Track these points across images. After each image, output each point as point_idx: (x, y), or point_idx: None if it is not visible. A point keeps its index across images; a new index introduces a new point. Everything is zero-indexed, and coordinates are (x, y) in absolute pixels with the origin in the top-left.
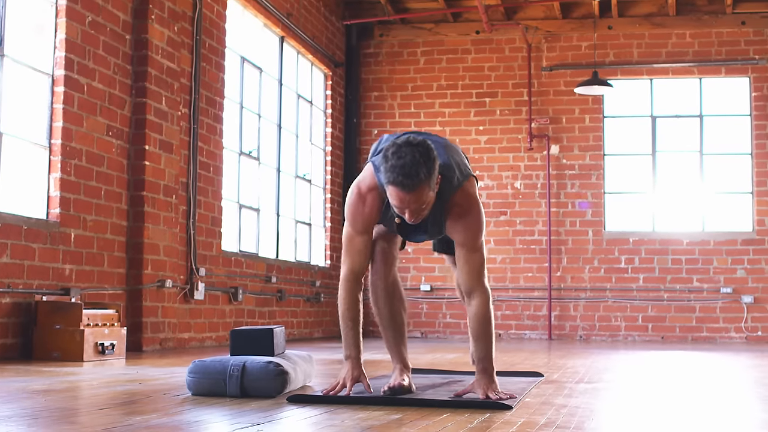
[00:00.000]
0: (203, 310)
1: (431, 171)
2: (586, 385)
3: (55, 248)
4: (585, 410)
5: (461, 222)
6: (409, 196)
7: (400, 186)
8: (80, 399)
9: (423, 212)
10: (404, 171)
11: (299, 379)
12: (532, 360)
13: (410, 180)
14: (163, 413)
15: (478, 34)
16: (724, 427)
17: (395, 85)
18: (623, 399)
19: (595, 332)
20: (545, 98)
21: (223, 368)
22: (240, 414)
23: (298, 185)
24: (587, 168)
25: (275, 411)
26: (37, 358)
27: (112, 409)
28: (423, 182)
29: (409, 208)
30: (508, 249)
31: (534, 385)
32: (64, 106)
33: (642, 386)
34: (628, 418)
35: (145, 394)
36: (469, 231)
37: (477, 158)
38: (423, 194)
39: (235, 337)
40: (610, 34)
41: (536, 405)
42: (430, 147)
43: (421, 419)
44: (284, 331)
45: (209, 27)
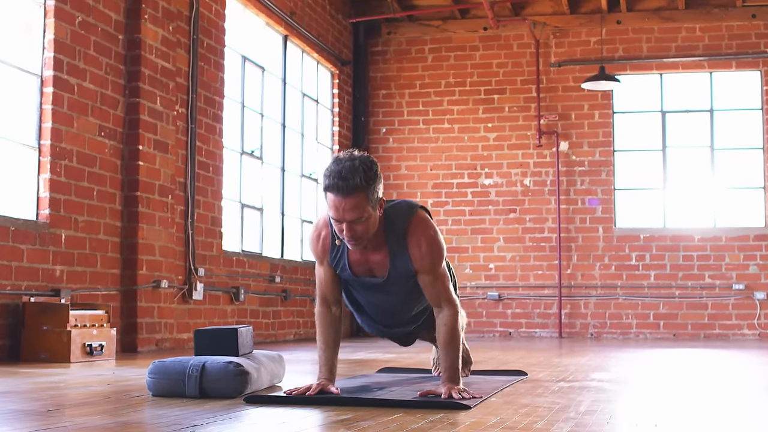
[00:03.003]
0: (203, 311)
1: (370, 180)
2: (564, 384)
3: (45, 249)
4: (544, 410)
5: (420, 250)
6: (345, 201)
7: (335, 190)
8: (34, 401)
9: (361, 232)
10: (340, 175)
11: (264, 380)
12: (527, 358)
13: (345, 183)
14: (107, 414)
15: (486, 31)
16: (720, 428)
17: (403, 83)
18: (596, 398)
19: (606, 330)
20: (554, 94)
21: (182, 368)
22: (184, 415)
23: (303, 184)
24: (597, 164)
25: (222, 411)
26: (25, 359)
27: (58, 410)
28: (359, 188)
29: (345, 220)
30: (518, 247)
31: (509, 384)
32: (53, 107)
33: (627, 385)
34: (586, 419)
35: (105, 395)
36: (428, 258)
37: (485, 155)
38: (360, 205)
39: (198, 337)
40: (618, 28)
41: (498, 405)
42: (372, 160)
43: (370, 419)
44: (251, 331)
45: (207, 26)
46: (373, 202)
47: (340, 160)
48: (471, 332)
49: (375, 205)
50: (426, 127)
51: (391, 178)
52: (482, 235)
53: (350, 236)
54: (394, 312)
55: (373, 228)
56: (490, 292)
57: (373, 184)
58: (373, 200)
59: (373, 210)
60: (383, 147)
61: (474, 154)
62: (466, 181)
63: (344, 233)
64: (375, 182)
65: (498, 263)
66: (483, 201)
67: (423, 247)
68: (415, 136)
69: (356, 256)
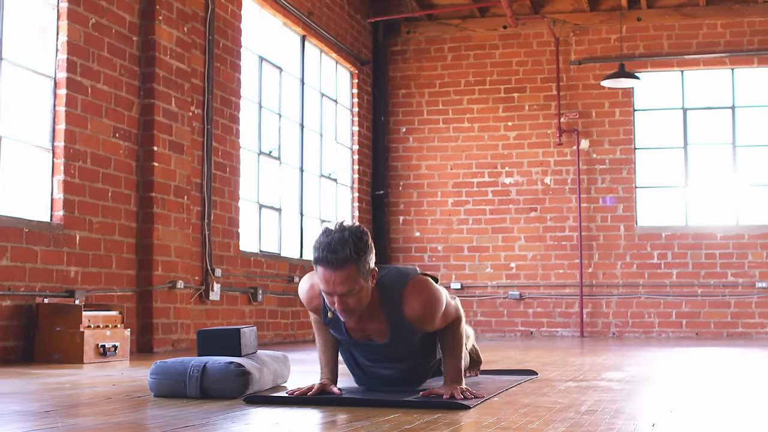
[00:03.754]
0: (220, 311)
1: (361, 252)
2: (572, 384)
3: (59, 250)
4: (544, 410)
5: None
6: (335, 275)
7: (324, 263)
8: (34, 402)
9: (354, 304)
10: (330, 247)
11: (266, 380)
12: (543, 358)
13: (334, 255)
14: (102, 415)
15: (506, 29)
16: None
17: (423, 82)
18: (600, 398)
19: (628, 329)
20: (574, 92)
21: (183, 369)
22: (179, 416)
23: (323, 184)
24: (618, 162)
25: (219, 412)
26: (39, 360)
27: (55, 411)
28: (350, 260)
29: (336, 293)
30: (539, 246)
31: (516, 384)
32: (67, 109)
33: (637, 384)
34: (584, 419)
35: (106, 396)
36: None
37: (506, 154)
38: (351, 277)
39: (201, 337)
40: (639, 25)
41: (499, 405)
42: (363, 230)
43: (365, 419)
44: (255, 332)
45: (223, 27)
46: (364, 273)
47: (329, 232)
48: (492, 331)
49: (367, 277)
50: (446, 126)
51: (411, 177)
52: (503, 234)
53: (342, 309)
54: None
55: (366, 299)
56: (511, 292)
57: (364, 255)
58: (365, 272)
59: (365, 281)
60: (403, 146)
61: (494, 153)
62: (486, 180)
63: (336, 306)
64: (366, 253)
65: (519, 262)
66: (503, 200)
67: (420, 311)
68: (435, 135)
69: (352, 324)
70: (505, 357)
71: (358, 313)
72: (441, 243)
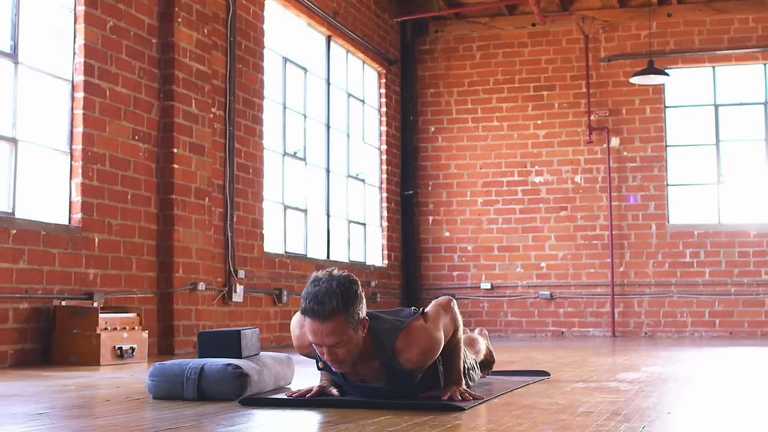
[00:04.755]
0: (244, 312)
1: (349, 303)
2: (582, 385)
3: (77, 253)
4: (540, 412)
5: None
6: (323, 327)
7: (311, 314)
8: (31, 404)
9: (343, 355)
10: (317, 298)
11: (266, 382)
12: (564, 358)
13: (322, 307)
14: (89, 418)
15: (534, 27)
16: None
17: (451, 81)
18: (603, 399)
19: (661, 328)
20: (604, 89)
21: (180, 371)
22: (167, 418)
23: (350, 185)
24: (649, 160)
25: (209, 414)
26: (56, 362)
27: (46, 413)
28: (337, 312)
29: (325, 345)
30: (569, 245)
31: (523, 385)
32: (84, 112)
33: (648, 384)
34: (577, 420)
35: (105, 398)
36: (427, 359)
37: (536, 153)
38: (339, 329)
39: (202, 339)
40: (669, 21)
41: (497, 406)
42: (353, 280)
43: (353, 421)
44: (257, 333)
45: (245, 28)
46: (353, 324)
47: (318, 281)
48: (523, 332)
49: (356, 327)
50: (475, 125)
51: (440, 177)
52: (533, 234)
53: (332, 360)
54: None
55: (357, 349)
56: (542, 291)
57: (352, 305)
58: (354, 322)
59: (355, 332)
60: (432, 146)
61: (524, 152)
62: (516, 179)
63: (326, 357)
64: (354, 303)
65: (549, 262)
66: (533, 199)
67: (417, 360)
68: (464, 134)
69: (347, 370)
70: (525, 357)
71: (349, 363)
72: (471, 243)
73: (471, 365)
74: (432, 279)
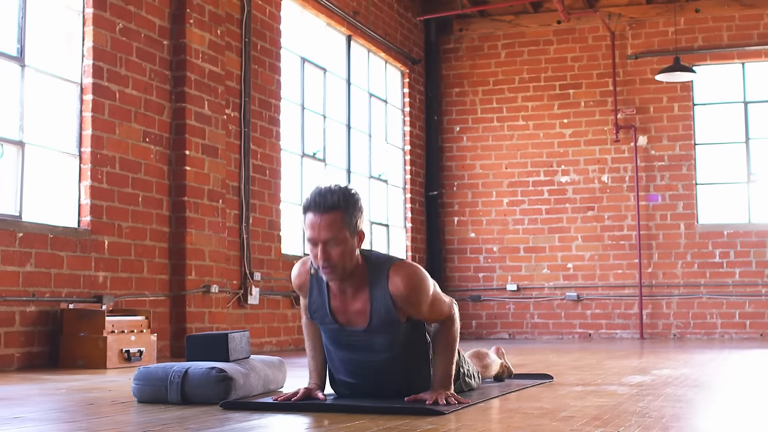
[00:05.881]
0: (261, 315)
1: (349, 204)
2: (580, 388)
3: (86, 256)
4: (521, 416)
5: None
6: (321, 219)
7: (312, 206)
8: (14, 407)
9: (336, 257)
10: (320, 194)
11: (253, 386)
12: (579, 360)
13: (323, 200)
14: (64, 422)
15: (560, 24)
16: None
17: (476, 80)
18: (591, 403)
19: (690, 330)
20: (631, 87)
21: (164, 374)
22: (139, 422)
23: (372, 186)
24: (677, 159)
25: (185, 418)
26: (63, 365)
27: (25, 416)
28: (336, 208)
29: (320, 240)
30: (597, 245)
31: (520, 389)
32: (93, 114)
33: (648, 388)
34: (554, 425)
35: (89, 402)
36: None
37: (562, 152)
38: (337, 224)
39: (190, 342)
40: (697, 17)
41: (480, 411)
42: (356, 192)
43: (326, 426)
44: (247, 336)
45: (260, 29)
46: (350, 227)
47: (321, 185)
48: (549, 334)
49: (353, 233)
50: (500, 125)
51: (465, 177)
52: (560, 234)
53: (324, 259)
54: (381, 374)
55: (350, 259)
56: (569, 293)
57: (352, 207)
58: (351, 226)
59: (351, 237)
60: (457, 146)
61: (550, 151)
62: (542, 179)
63: (319, 258)
64: (354, 207)
65: (576, 263)
66: (560, 199)
67: (404, 288)
68: (489, 134)
69: (337, 302)
70: (539, 360)
71: (340, 273)
72: (496, 244)
73: (469, 373)
74: (457, 281)
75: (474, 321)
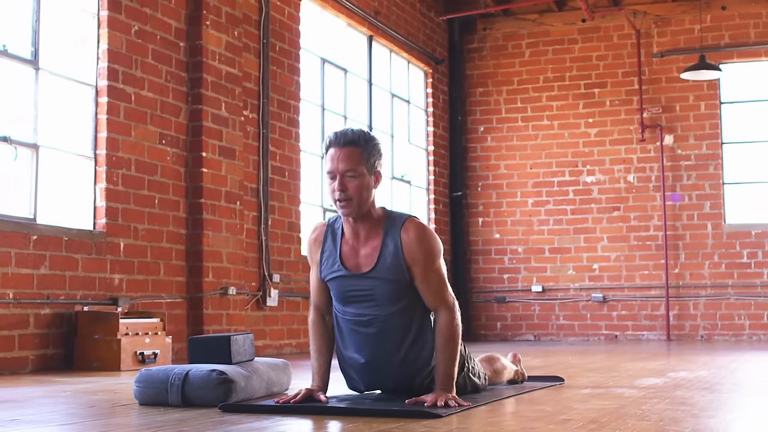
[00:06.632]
0: (280, 317)
1: (369, 143)
2: (589, 391)
3: (102, 258)
4: (519, 419)
5: (415, 251)
6: (341, 152)
7: (333, 141)
8: (14, 409)
9: (353, 190)
10: (342, 131)
11: (255, 388)
12: (598, 363)
13: (344, 135)
14: (58, 425)
15: (584, 23)
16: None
17: (500, 80)
18: (593, 407)
19: (717, 332)
20: (657, 86)
21: (165, 377)
22: (137, 425)
23: (395, 186)
24: (704, 158)
25: (184, 420)
26: (78, 368)
27: (20, 419)
28: (356, 143)
29: (338, 172)
30: (623, 246)
31: (526, 391)
32: (108, 117)
33: (657, 390)
34: (549, 428)
35: (90, 404)
36: (420, 246)
37: (587, 152)
38: (355, 158)
39: (192, 345)
40: (724, 14)
41: (480, 413)
42: (376, 137)
43: (318, 429)
44: (251, 338)
45: (279, 30)
46: (368, 164)
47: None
48: (575, 336)
49: (371, 171)
50: (525, 125)
51: (490, 178)
52: (585, 235)
53: (341, 191)
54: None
55: (366, 195)
56: (594, 294)
57: (371, 147)
58: (369, 163)
59: (368, 172)
60: (481, 146)
61: (575, 151)
62: (567, 179)
63: (336, 189)
64: (373, 147)
65: (602, 263)
66: (585, 199)
67: (415, 238)
68: (514, 134)
69: (348, 248)
70: (556, 362)
71: (356, 206)
72: (521, 245)
73: (474, 370)
74: (482, 282)
75: (499, 323)
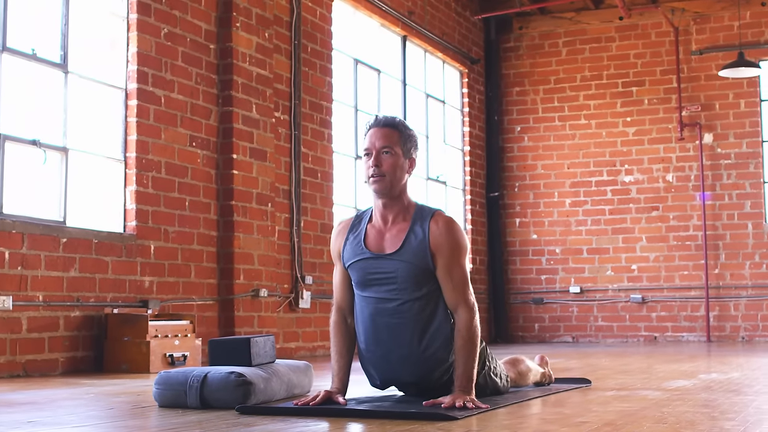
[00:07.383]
0: (313, 319)
1: (407, 129)
2: (614, 393)
3: (132, 261)
4: (533, 420)
5: (441, 240)
6: (380, 131)
7: (374, 122)
8: (33, 411)
9: (387, 167)
10: (382, 115)
11: (275, 390)
12: (631, 364)
13: (384, 118)
14: (73, 426)
15: (622, 21)
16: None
17: (537, 79)
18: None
19: (759, 333)
20: (696, 84)
21: (184, 379)
22: (150, 427)
23: (430, 187)
24: (744, 156)
25: (201, 422)
26: (108, 370)
27: (37, 421)
28: (395, 126)
29: (375, 149)
30: (662, 246)
31: (551, 393)
32: (138, 119)
33: (682, 393)
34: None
35: (111, 406)
36: (447, 238)
37: (625, 151)
38: (392, 137)
39: (212, 347)
40: (763, 11)
41: (497, 416)
42: (413, 128)
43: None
44: (272, 340)
45: (311, 31)
46: (404, 147)
47: None
48: (614, 337)
49: (406, 154)
50: (562, 124)
51: (527, 178)
52: (623, 235)
53: (376, 166)
54: (399, 330)
55: (399, 176)
56: (633, 295)
57: (408, 134)
58: (405, 147)
59: (403, 154)
60: (518, 146)
61: (613, 150)
62: (605, 178)
63: (371, 165)
64: (411, 135)
65: (641, 264)
66: (623, 199)
67: (444, 227)
68: (551, 133)
69: (374, 232)
70: (587, 364)
71: (388, 184)
72: (559, 245)
73: (495, 370)
74: (519, 283)
75: (537, 324)
